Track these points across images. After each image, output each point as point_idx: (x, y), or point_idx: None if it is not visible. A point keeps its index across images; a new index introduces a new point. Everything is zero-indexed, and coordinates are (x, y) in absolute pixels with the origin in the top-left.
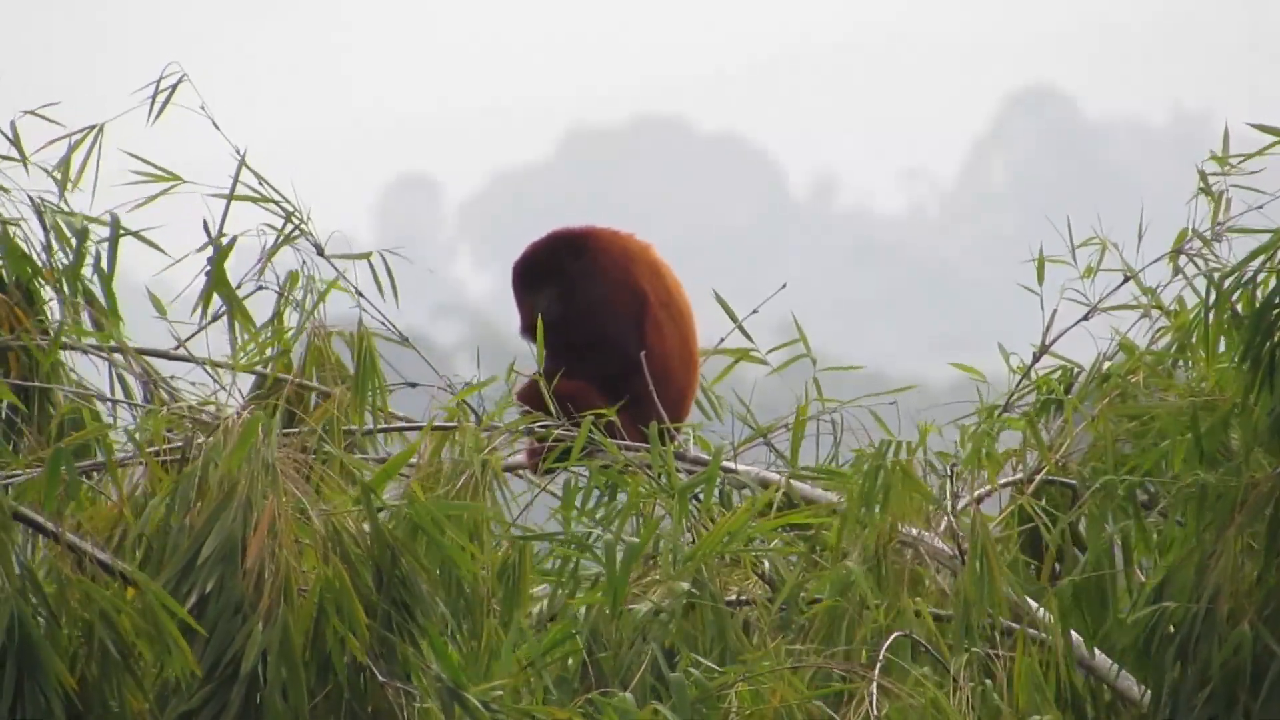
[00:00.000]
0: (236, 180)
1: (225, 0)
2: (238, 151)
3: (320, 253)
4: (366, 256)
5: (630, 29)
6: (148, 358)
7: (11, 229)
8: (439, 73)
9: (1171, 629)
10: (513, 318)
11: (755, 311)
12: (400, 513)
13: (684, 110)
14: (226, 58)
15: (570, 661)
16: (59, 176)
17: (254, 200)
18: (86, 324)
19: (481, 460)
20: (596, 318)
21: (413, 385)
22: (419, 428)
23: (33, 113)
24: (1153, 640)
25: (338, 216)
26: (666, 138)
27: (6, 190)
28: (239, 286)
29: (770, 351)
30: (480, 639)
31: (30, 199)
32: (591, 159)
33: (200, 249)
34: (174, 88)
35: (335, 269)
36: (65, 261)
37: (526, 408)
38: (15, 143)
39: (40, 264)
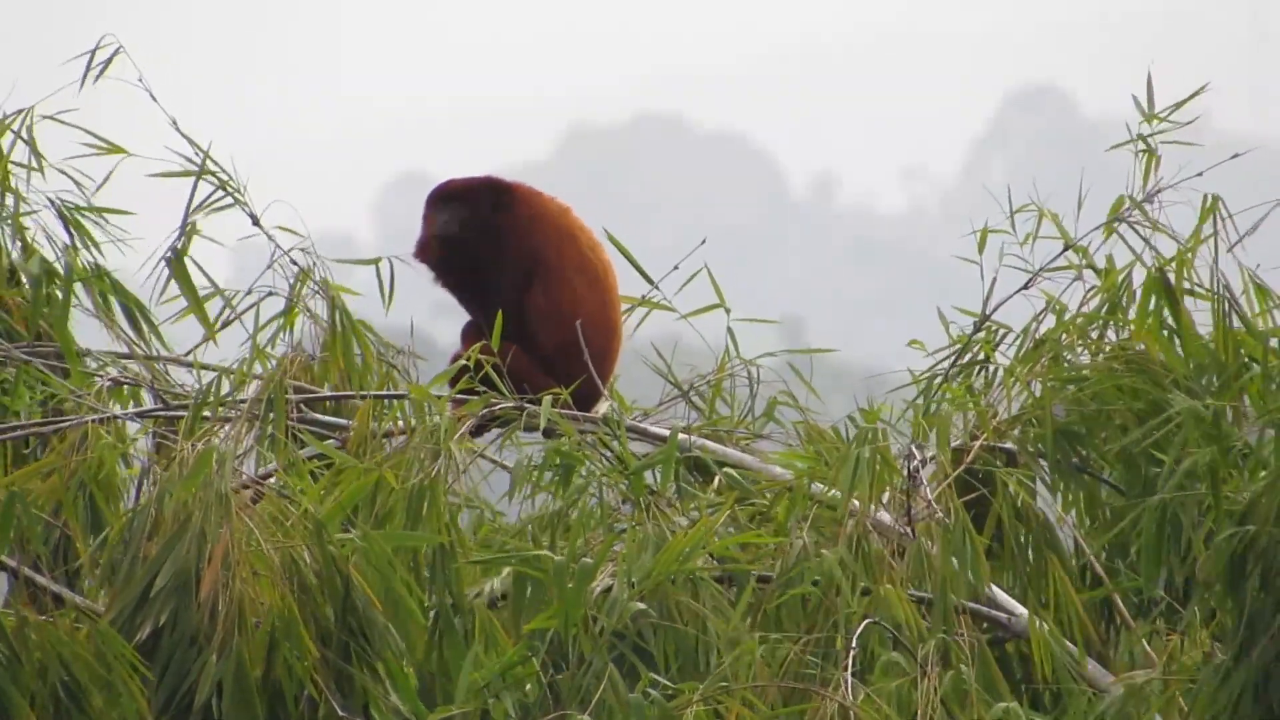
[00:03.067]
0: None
1: (225, 5)
2: (174, 123)
3: (255, 222)
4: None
5: (630, 27)
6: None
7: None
8: (438, 72)
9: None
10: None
11: (676, 268)
12: (352, 546)
13: (684, 108)
14: (227, 59)
15: (529, 687)
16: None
17: (190, 175)
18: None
19: (446, 449)
20: (488, 271)
21: (360, 355)
22: (361, 396)
23: (51, 118)
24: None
25: (337, 215)
26: (666, 136)
27: (25, 198)
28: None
29: (678, 292)
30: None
31: (51, 202)
32: (591, 157)
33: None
34: (108, 61)
35: (272, 239)
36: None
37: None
38: (31, 144)
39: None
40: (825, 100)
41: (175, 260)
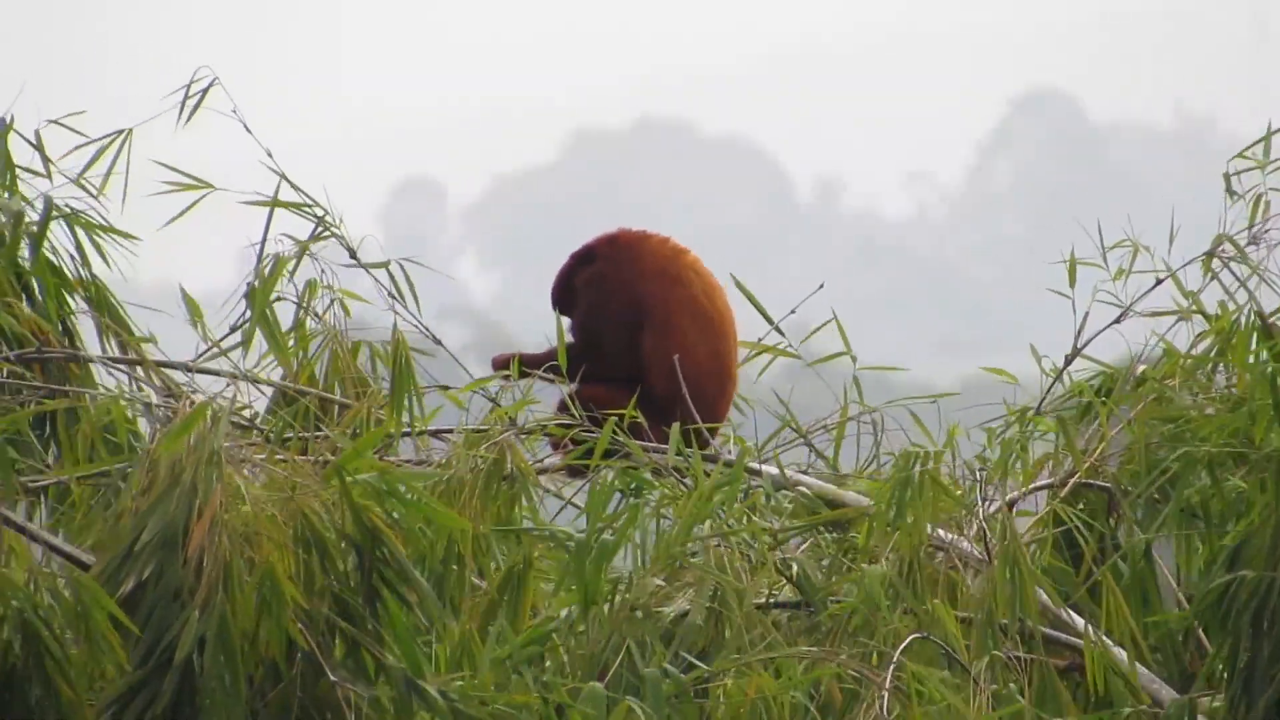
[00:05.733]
0: (276, 191)
1: (225, 5)
2: (269, 154)
3: (353, 255)
4: (385, 265)
5: (632, 30)
6: (167, 370)
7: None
8: (441, 75)
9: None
10: (518, 319)
11: (793, 312)
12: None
13: (688, 111)
14: (227, 61)
15: (548, 662)
16: (88, 186)
17: (285, 206)
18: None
19: (517, 465)
20: (591, 326)
21: (443, 388)
22: (450, 431)
23: (57, 122)
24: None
25: (341, 220)
26: (670, 139)
27: (30, 201)
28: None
29: (802, 342)
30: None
31: (58, 207)
32: (595, 160)
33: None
34: (204, 92)
35: (370, 274)
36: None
37: (561, 417)
38: (39, 149)
39: (70, 275)
40: (827, 101)
41: (255, 292)
